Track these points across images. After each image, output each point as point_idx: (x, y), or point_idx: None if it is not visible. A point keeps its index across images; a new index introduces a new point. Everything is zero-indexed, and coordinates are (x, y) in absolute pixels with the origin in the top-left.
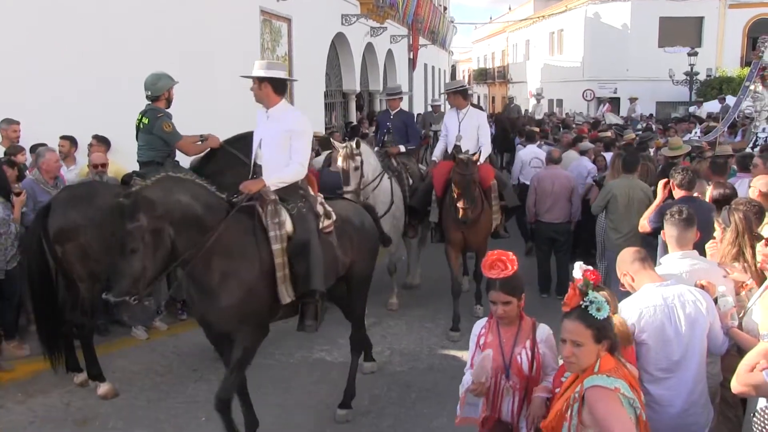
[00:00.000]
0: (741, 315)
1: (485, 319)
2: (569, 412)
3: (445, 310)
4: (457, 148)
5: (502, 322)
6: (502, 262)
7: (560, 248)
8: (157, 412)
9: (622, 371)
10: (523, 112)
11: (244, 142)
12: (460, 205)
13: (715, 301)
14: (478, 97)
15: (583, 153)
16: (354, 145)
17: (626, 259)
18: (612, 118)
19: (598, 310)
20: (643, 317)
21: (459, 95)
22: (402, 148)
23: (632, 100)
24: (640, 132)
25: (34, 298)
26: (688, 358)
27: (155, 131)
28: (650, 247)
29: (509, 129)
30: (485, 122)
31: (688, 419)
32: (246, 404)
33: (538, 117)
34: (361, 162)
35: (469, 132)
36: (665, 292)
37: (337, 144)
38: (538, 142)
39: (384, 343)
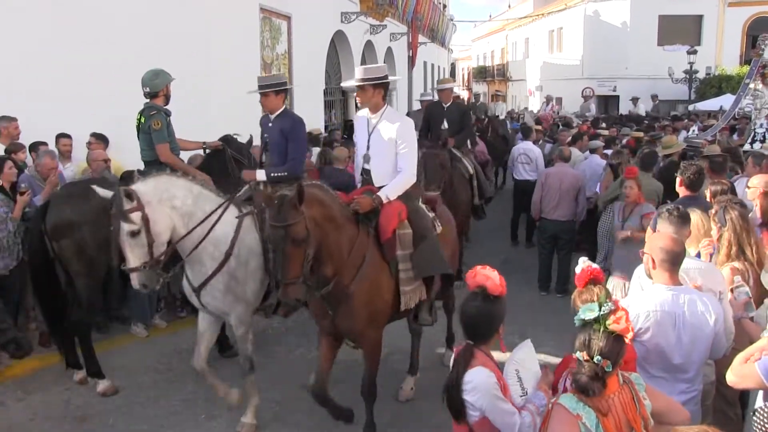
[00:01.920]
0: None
1: (481, 368)
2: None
3: (442, 311)
4: (364, 174)
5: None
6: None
7: (563, 246)
8: (156, 410)
9: (605, 403)
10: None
11: (236, 144)
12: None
13: (732, 291)
14: (477, 95)
15: (593, 151)
16: (124, 196)
17: (660, 247)
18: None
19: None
20: (649, 318)
21: (375, 91)
22: (261, 175)
23: (586, 98)
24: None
25: (38, 295)
26: (687, 363)
27: (148, 129)
28: None
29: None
30: (409, 133)
31: None
32: None
33: (501, 117)
34: (144, 220)
35: (382, 149)
36: (676, 298)
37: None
38: (540, 141)
39: (383, 340)
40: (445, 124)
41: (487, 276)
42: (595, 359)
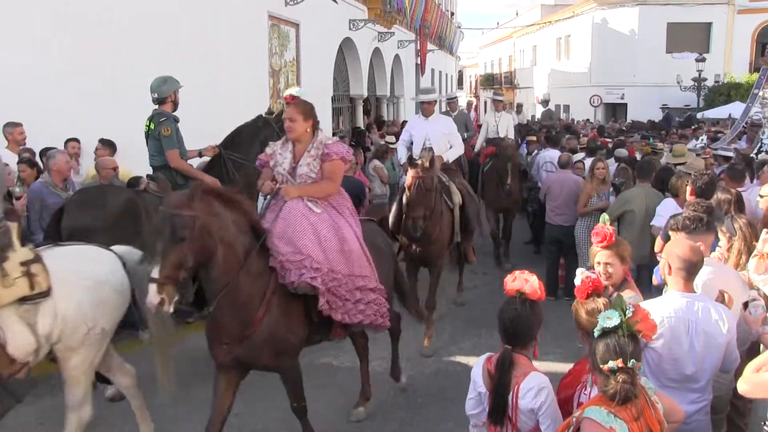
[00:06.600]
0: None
1: (536, 373)
2: None
3: (451, 317)
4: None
5: None
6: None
7: (568, 251)
8: (164, 416)
9: (629, 411)
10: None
11: (238, 140)
12: None
13: (746, 305)
14: (485, 102)
15: (618, 159)
16: None
17: (678, 255)
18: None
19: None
20: (663, 324)
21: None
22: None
23: (495, 101)
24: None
25: None
26: (699, 372)
27: (158, 135)
28: None
29: None
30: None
31: (686, 428)
32: None
33: (510, 135)
34: None
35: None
36: (690, 305)
37: None
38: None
39: (390, 349)
40: None
41: (525, 280)
42: (629, 363)
